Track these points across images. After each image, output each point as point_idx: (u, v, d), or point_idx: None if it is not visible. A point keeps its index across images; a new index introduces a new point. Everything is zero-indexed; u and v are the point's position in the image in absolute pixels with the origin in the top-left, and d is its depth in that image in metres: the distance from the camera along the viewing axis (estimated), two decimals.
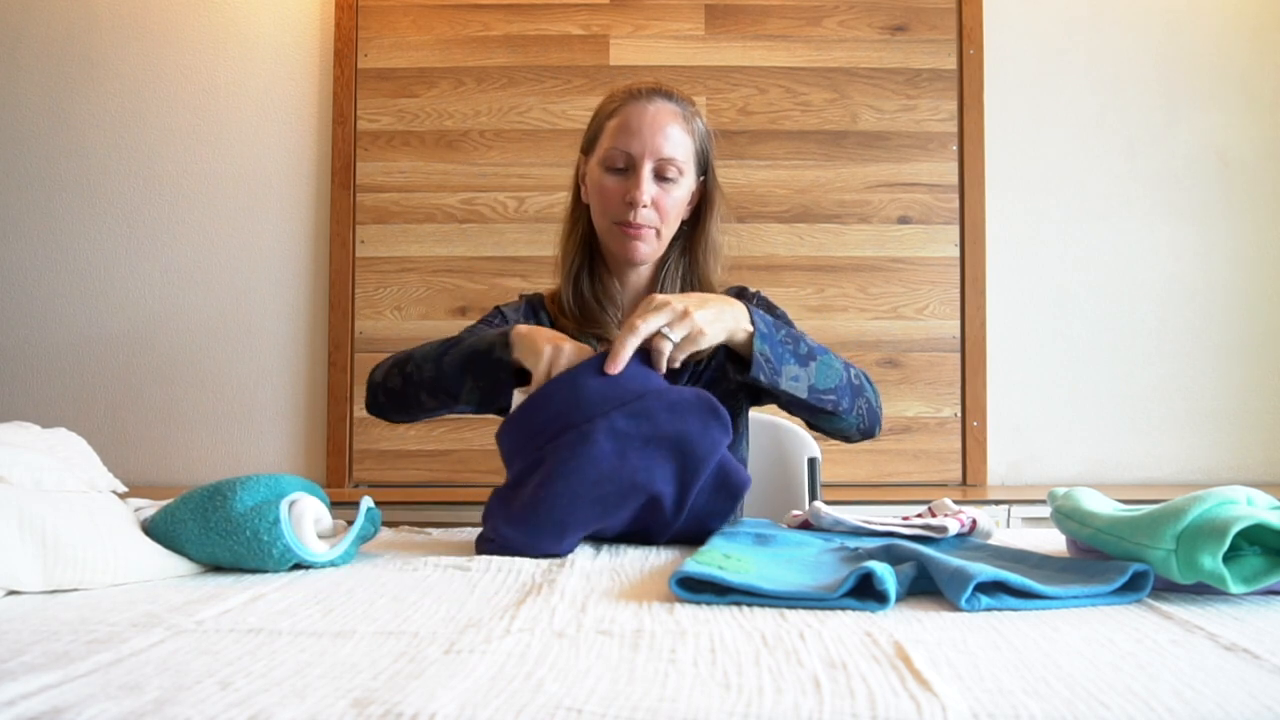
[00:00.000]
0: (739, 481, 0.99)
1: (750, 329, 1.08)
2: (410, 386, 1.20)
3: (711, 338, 1.05)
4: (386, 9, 2.33)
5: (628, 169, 1.28)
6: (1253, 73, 2.37)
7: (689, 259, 1.37)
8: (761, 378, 1.08)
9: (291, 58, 2.36)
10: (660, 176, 1.28)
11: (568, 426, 0.93)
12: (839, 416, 1.16)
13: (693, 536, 0.96)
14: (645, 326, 1.00)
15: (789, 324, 1.35)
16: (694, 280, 1.37)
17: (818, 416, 1.17)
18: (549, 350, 1.02)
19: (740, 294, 1.40)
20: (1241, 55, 2.37)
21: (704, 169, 1.36)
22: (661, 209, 1.28)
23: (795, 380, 1.11)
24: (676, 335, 1.01)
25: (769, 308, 1.38)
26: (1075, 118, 2.36)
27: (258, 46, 2.36)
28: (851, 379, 1.17)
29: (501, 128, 2.33)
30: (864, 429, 1.20)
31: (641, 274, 1.37)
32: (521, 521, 0.90)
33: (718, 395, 1.05)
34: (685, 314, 1.02)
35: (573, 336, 1.36)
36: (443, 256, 2.31)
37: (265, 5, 2.36)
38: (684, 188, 1.31)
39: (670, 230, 1.33)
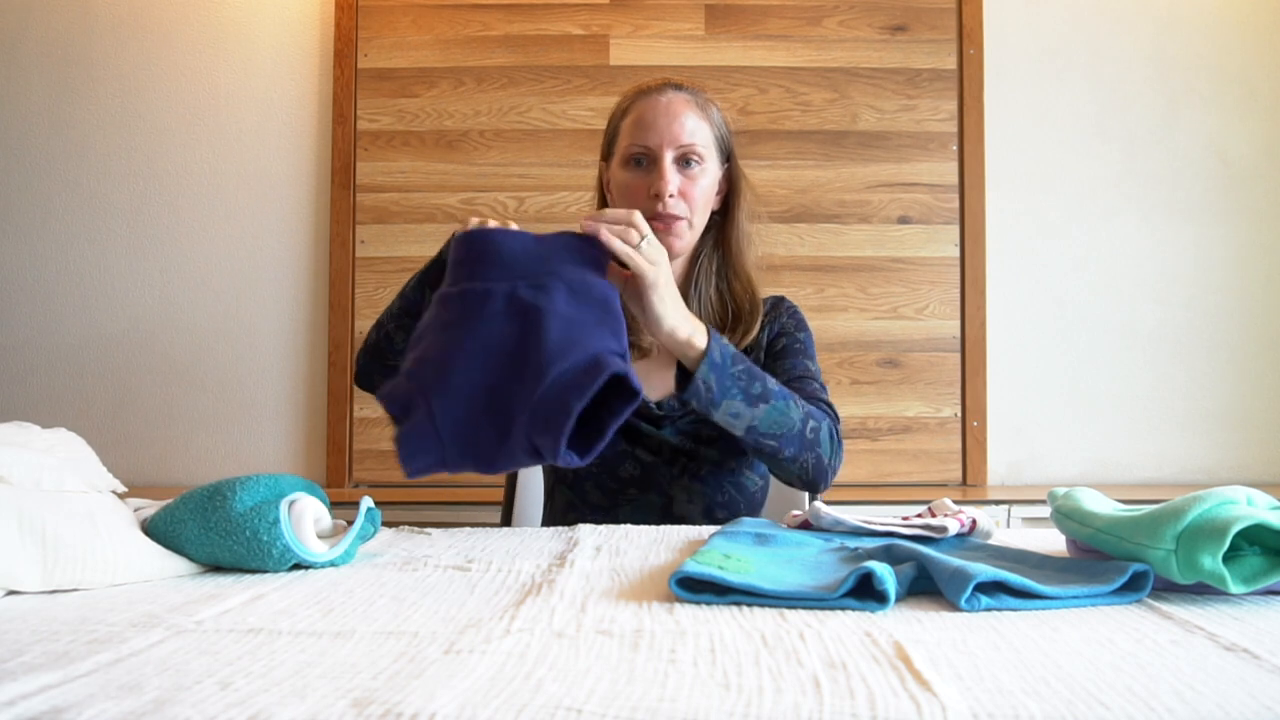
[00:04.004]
0: (606, 363, 0.88)
1: (701, 349, 1.06)
2: (383, 333, 1.24)
3: (656, 306, 1.03)
4: (386, 9, 2.33)
5: (649, 163, 1.27)
6: (1252, 73, 2.37)
7: (723, 250, 1.35)
8: (695, 404, 1.08)
9: (291, 58, 2.36)
10: (683, 165, 1.26)
11: (482, 277, 0.94)
12: (778, 462, 1.15)
13: (553, 407, 0.85)
14: (642, 223, 1.02)
15: (808, 343, 1.34)
16: (729, 271, 1.34)
17: (756, 453, 1.17)
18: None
19: (777, 304, 1.38)
20: (1241, 55, 2.37)
21: (727, 156, 1.33)
22: (689, 198, 1.26)
23: (734, 416, 1.09)
24: (645, 251, 1.02)
25: (798, 323, 1.36)
26: (1075, 117, 2.36)
27: (258, 46, 2.36)
28: (806, 432, 1.14)
29: (501, 128, 2.33)
30: (806, 480, 1.18)
31: (674, 271, 1.33)
32: (417, 373, 0.91)
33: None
34: (660, 263, 1.03)
35: None
36: None
37: (265, 5, 2.36)
38: (709, 175, 1.29)
39: (701, 220, 1.30)
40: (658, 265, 1.03)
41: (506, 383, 0.88)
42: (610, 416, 0.87)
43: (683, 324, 1.06)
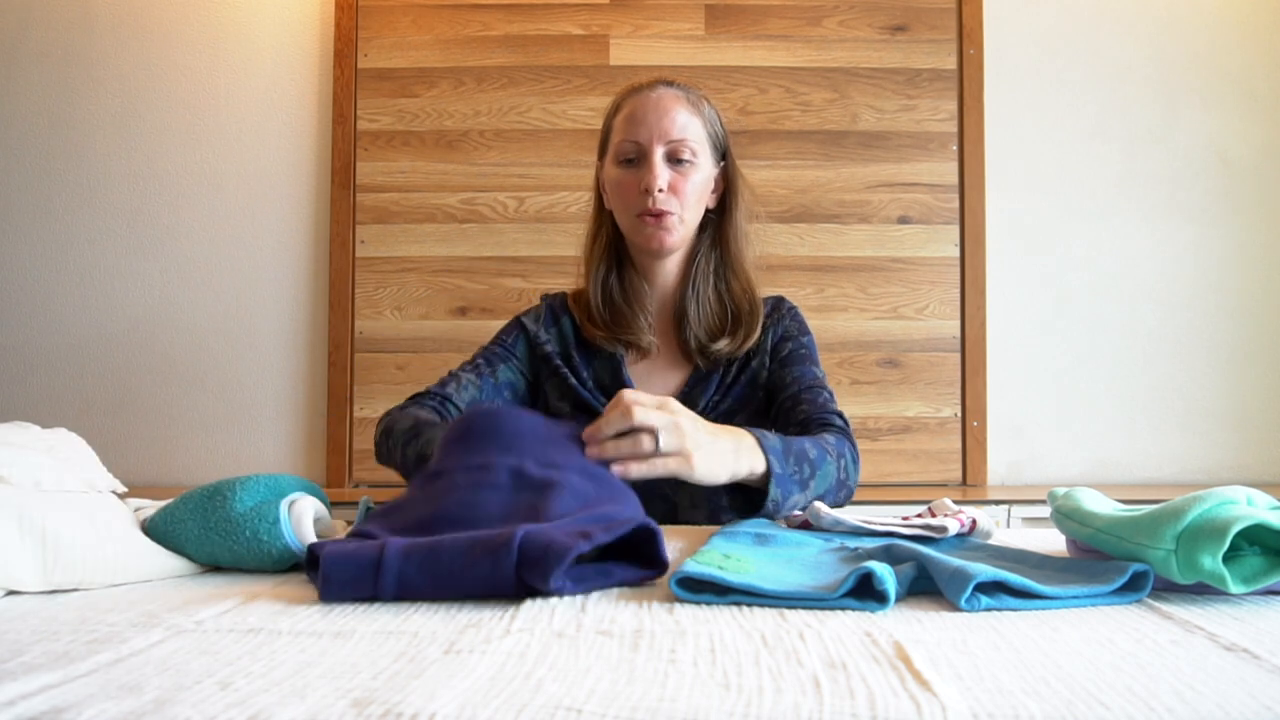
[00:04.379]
0: (638, 517, 0.75)
1: (764, 469, 1.00)
2: (392, 463, 1.19)
3: (703, 476, 0.94)
4: (386, 9, 2.33)
5: (640, 159, 1.26)
6: (1252, 72, 2.37)
7: (721, 250, 1.34)
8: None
9: (291, 58, 2.36)
10: (674, 160, 1.26)
11: (482, 452, 0.82)
12: None
13: (566, 528, 0.71)
14: (641, 415, 0.90)
15: (812, 348, 1.32)
16: (727, 271, 1.33)
17: None
18: None
19: (777, 306, 1.37)
20: (1240, 55, 2.37)
21: (722, 154, 1.33)
22: (680, 193, 1.26)
23: (794, 507, 1.05)
24: (664, 443, 0.90)
25: (801, 326, 1.35)
26: (1075, 118, 2.36)
27: (258, 46, 2.36)
28: (839, 474, 1.11)
29: (501, 128, 2.33)
30: (837, 506, 1.16)
31: (670, 271, 1.33)
32: (402, 530, 0.75)
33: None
34: (681, 435, 0.92)
35: (601, 341, 1.32)
36: (443, 256, 2.31)
37: (265, 5, 2.36)
38: (702, 171, 1.28)
39: (693, 216, 1.30)
40: (685, 452, 0.92)
41: (499, 529, 0.70)
42: (621, 571, 0.72)
43: (739, 462, 0.98)
